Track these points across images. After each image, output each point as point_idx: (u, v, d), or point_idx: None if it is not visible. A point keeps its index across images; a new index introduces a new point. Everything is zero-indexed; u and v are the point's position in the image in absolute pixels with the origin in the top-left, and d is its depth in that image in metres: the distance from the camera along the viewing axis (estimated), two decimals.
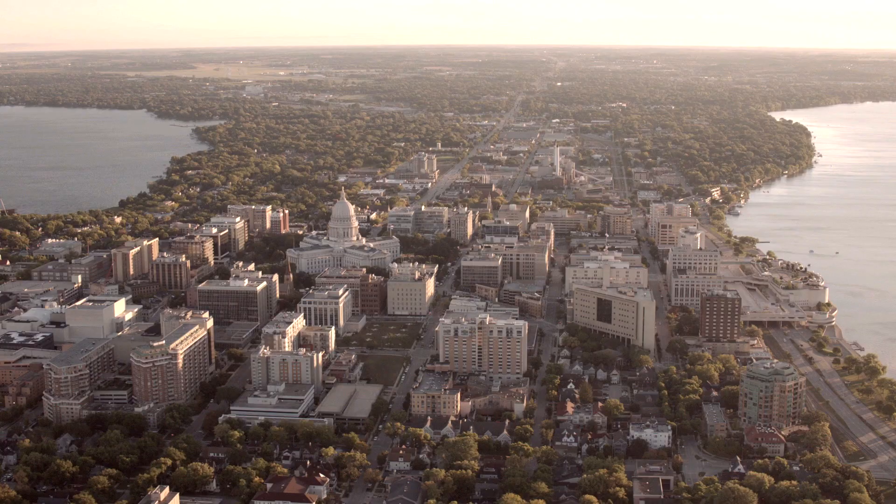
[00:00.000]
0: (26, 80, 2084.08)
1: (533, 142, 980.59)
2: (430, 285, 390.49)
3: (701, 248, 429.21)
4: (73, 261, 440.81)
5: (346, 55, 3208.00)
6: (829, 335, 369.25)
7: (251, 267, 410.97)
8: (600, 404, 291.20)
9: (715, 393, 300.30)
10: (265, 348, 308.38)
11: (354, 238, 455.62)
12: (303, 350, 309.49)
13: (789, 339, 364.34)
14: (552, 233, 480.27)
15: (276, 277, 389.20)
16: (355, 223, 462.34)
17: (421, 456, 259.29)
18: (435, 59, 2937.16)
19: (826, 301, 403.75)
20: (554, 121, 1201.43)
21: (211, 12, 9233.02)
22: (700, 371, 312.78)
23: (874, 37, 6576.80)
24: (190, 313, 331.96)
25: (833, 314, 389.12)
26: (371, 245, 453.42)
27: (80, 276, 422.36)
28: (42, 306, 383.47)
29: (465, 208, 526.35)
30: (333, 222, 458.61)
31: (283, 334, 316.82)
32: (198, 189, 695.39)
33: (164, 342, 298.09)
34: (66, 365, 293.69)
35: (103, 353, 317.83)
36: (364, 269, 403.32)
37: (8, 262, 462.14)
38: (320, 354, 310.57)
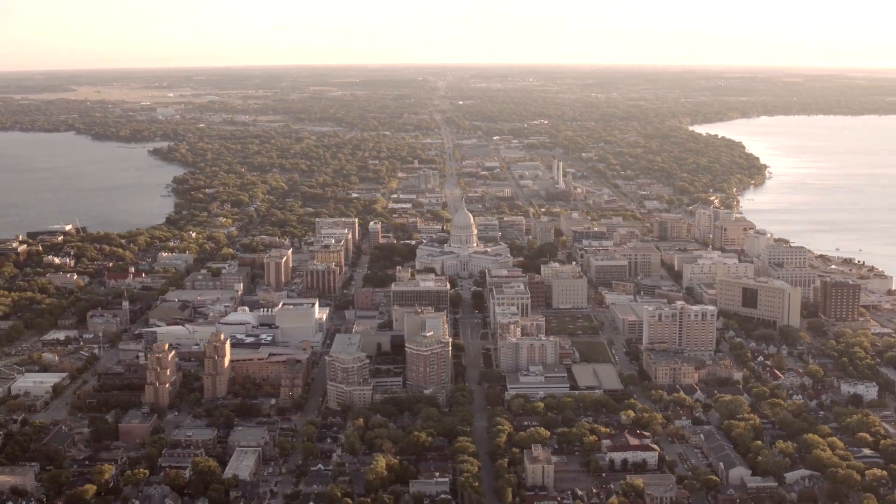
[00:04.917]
0: None
1: (496, 158, 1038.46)
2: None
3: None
4: (223, 270, 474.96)
5: (219, 76, 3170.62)
6: None
7: (409, 272, 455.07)
8: (800, 370, 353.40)
9: (878, 358, 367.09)
10: (510, 335, 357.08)
11: (475, 244, 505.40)
12: (542, 336, 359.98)
13: (887, 319, 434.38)
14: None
15: (448, 279, 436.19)
16: (475, 230, 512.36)
17: (697, 414, 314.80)
18: (313, 79, 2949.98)
19: (893, 288, 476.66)
20: (494, 138, 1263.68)
21: (59, 34, 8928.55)
22: (855, 342, 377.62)
23: (724, 54, 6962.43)
24: (423, 310, 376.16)
25: None
26: (489, 251, 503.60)
27: (240, 284, 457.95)
28: (226, 312, 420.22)
29: (546, 218, 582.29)
30: (456, 230, 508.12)
31: (517, 323, 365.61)
32: (228, 205, 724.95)
33: (432, 332, 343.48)
34: (349, 356, 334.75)
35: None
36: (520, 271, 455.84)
37: (144, 275, 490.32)
38: (557, 339, 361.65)
